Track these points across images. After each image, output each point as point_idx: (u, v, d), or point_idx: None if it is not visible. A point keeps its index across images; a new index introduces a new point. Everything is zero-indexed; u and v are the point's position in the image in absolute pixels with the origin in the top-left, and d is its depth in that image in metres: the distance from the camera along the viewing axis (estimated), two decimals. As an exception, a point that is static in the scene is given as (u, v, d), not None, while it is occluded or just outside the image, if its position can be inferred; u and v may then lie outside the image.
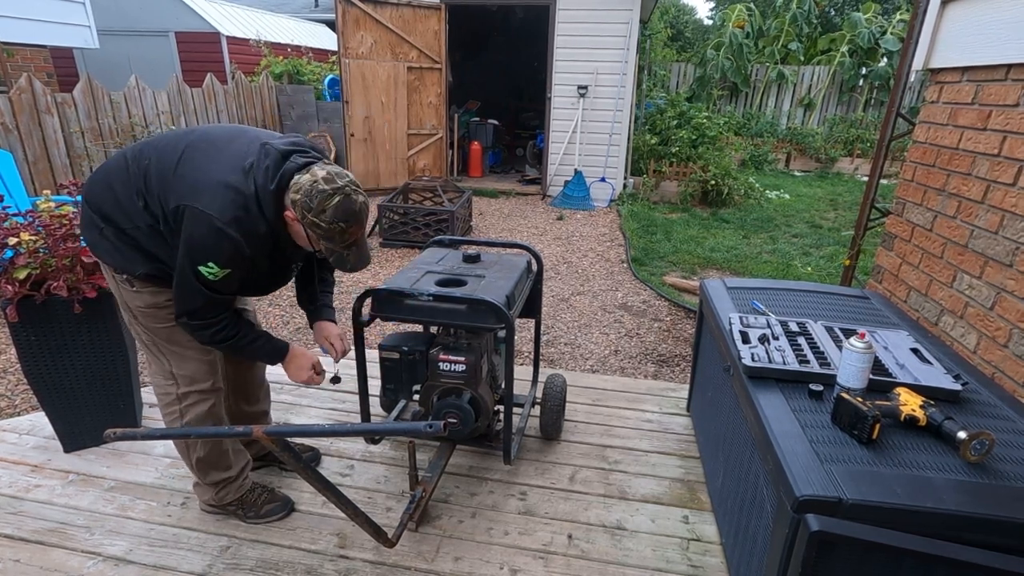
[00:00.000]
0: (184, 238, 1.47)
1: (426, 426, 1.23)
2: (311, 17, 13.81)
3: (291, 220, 1.53)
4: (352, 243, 1.56)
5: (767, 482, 1.41)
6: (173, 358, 1.73)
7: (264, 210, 1.49)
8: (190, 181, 1.48)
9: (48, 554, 1.79)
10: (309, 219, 1.47)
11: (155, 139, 1.62)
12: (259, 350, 1.73)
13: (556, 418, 2.35)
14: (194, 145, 1.55)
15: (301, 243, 1.59)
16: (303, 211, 1.47)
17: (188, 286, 1.51)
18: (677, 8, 19.83)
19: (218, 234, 1.45)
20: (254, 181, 1.48)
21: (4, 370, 3.10)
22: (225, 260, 1.48)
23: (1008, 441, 1.38)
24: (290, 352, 1.77)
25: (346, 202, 1.47)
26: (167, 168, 1.52)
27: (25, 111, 4.81)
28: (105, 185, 1.58)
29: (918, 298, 2.36)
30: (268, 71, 8.47)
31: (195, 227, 1.45)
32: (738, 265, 5.25)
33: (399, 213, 5.59)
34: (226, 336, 1.63)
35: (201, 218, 1.44)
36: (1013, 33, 1.91)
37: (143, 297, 1.64)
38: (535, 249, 2.35)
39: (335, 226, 1.48)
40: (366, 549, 1.84)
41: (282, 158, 1.52)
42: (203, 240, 1.46)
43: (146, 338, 1.72)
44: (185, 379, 1.74)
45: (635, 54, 7.32)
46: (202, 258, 1.47)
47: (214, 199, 1.45)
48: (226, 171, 1.48)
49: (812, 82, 11.83)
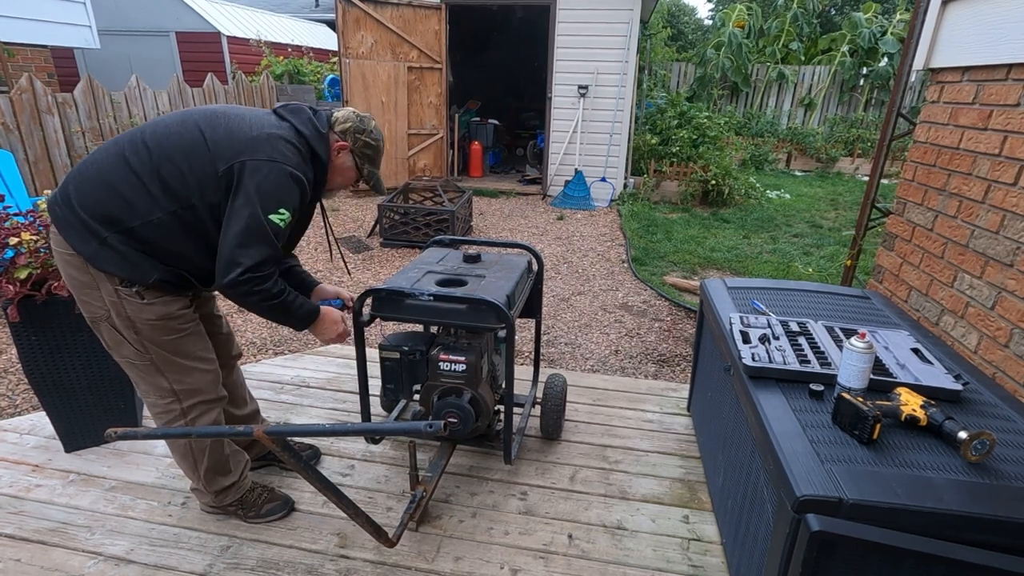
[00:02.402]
0: (252, 190, 1.49)
1: (426, 426, 1.23)
2: (311, 17, 13.82)
3: (341, 151, 1.73)
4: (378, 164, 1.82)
5: (767, 482, 1.41)
6: (175, 373, 1.67)
7: (318, 152, 1.66)
8: (234, 141, 1.52)
9: (49, 554, 1.79)
10: (362, 140, 1.73)
11: (146, 127, 1.56)
12: (301, 308, 1.70)
13: (556, 418, 2.35)
14: (213, 117, 1.58)
15: (340, 180, 1.79)
16: (356, 135, 1.72)
17: (259, 236, 1.51)
18: (677, 8, 19.82)
19: (288, 178, 1.54)
20: (299, 132, 1.63)
21: (5, 370, 3.10)
22: (295, 203, 1.57)
23: (1009, 441, 1.38)
24: (322, 310, 1.79)
25: (375, 124, 1.78)
26: (197, 141, 1.52)
27: (26, 111, 4.82)
28: (103, 186, 1.49)
29: (919, 298, 2.36)
30: (269, 71, 8.47)
31: (263, 177, 1.51)
32: (738, 265, 5.24)
33: (399, 213, 5.60)
34: (279, 291, 1.61)
35: (269, 167, 1.51)
36: (1013, 33, 1.90)
37: (154, 309, 1.57)
38: (535, 249, 2.35)
39: (380, 143, 1.78)
40: (366, 549, 1.84)
41: (310, 110, 1.70)
42: (275, 186, 1.52)
43: (142, 359, 1.63)
44: (187, 392, 1.70)
45: (635, 54, 7.32)
46: (274, 205, 1.52)
47: (275, 149, 1.54)
48: (267, 126, 1.58)
49: (812, 82, 11.82)
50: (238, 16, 10.91)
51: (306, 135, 1.64)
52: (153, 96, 6.18)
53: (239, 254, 1.50)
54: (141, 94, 6.02)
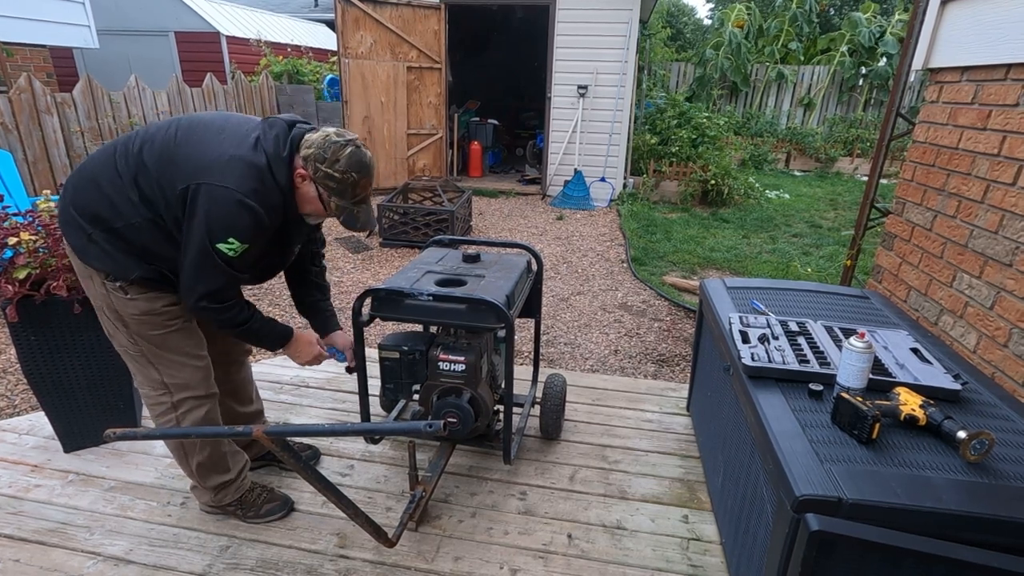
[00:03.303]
0: (201, 217, 1.44)
1: (426, 426, 1.23)
2: (311, 17, 13.81)
3: (303, 179, 1.53)
4: (362, 199, 1.58)
5: (767, 482, 1.41)
6: (165, 366, 1.68)
7: (277, 177, 1.50)
8: (197, 160, 1.46)
9: (48, 554, 1.79)
10: (323, 171, 1.49)
11: (140, 131, 1.57)
12: (271, 333, 1.72)
13: (556, 418, 2.35)
14: (190, 127, 1.53)
15: (309, 209, 1.60)
16: (316, 164, 1.49)
17: (208, 266, 1.48)
18: (676, 8, 19.83)
19: (238, 206, 1.43)
20: (264, 151, 1.49)
21: (4, 370, 3.10)
22: (245, 234, 1.47)
23: (1008, 441, 1.38)
24: (296, 333, 1.80)
25: (358, 153, 1.51)
26: (166, 153, 1.49)
27: (25, 111, 4.81)
28: (92, 186, 1.52)
29: (918, 298, 2.36)
30: (268, 71, 8.47)
31: (212, 203, 1.43)
32: (738, 265, 5.25)
33: (399, 213, 5.60)
34: (244, 318, 1.62)
35: (218, 192, 1.43)
36: (1012, 33, 1.91)
37: (137, 304, 1.59)
38: (535, 249, 2.35)
39: (348, 176, 1.50)
40: (366, 549, 1.84)
41: (288, 126, 1.55)
42: (222, 215, 1.44)
43: (134, 349, 1.66)
44: (178, 387, 1.70)
45: (635, 54, 7.32)
46: (223, 234, 1.45)
47: (229, 173, 1.44)
48: (232, 147, 1.48)
49: (812, 82, 11.83)
50: (237, 16, 10.90)
51: (268, 155, 1.50)
52: (152, 96, 6.18)
53: (194, 281, 1.51)
54: (140, 94, 6.02)
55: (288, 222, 1.61)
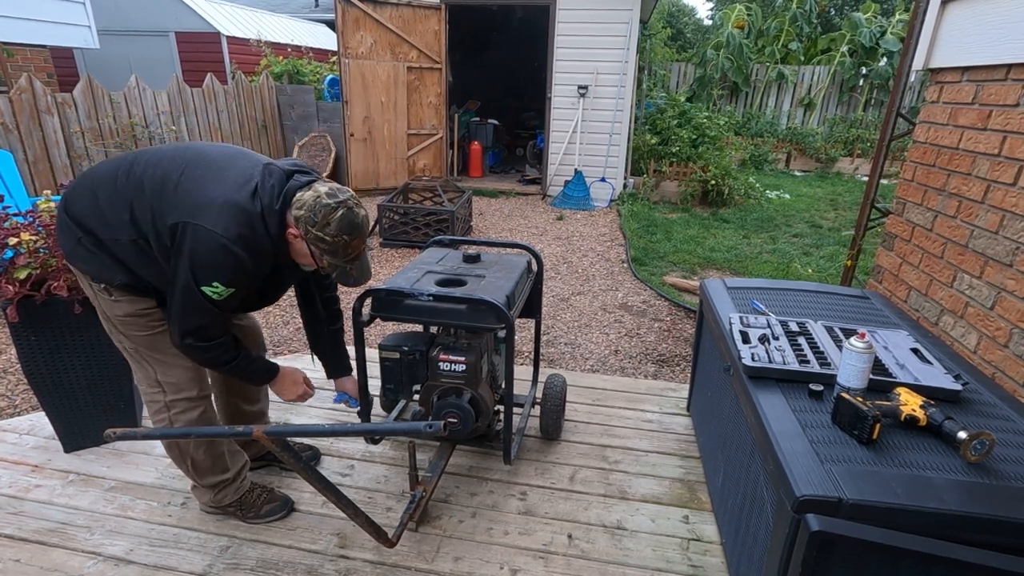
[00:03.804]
0: (187, 257, 1.44)
1: (426, 426, 1.23)
2: (311, 17, 13.81)
3: (294, 238, 1.54)
4: (355, 257, 1.59)
5: (767, 482, 1.41)
6: (157, 366, 1.70)
7: (269, 227, 1.51)
8: (194, 199, 1.47)
9: (48, 554, 1.79)
10: (313, 234, 1.50)
11: (148, 152, 1.59)
12: (257, 371, 1.75)
13: (556, 418, 2.35)
14: (195, 163, 1.53)
15: (303, 261, 1.62)
16: (307, 226, 1.50)
17: (193, 306, 1.49)
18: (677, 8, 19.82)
19: (224, 252, 1.44)
20: (259, 201, 1.49)
21: (4, 370, 3.10)
22: (230, 279, 1.48)
23: (1008, 441, 1.38)
24: (281, 371, 1.81)
25: (349, 215, 1.51)
26: (167, 184, 1.49)
27: (25, 111, 4.81)
28: (89, 196, 1.54)
29: (918, 298, 2.36)
30: (268, 71, 8.46)
31: (199, 245, 1.43)
32: (738, 265, 5.25)
33: (399, 213, 5.60)
34: (228, 358, 1.64)
35: (205, 236, 1.43)
36: (1013, 33, 1.91)
37: (122, 306, 1.61)
38: (535, 249, 2.35)
39: (339, 239, 1.51)
40: (366, 549, 1.84)
41: (285, 177, 1.54)
42: (208, 259, 1.44)
43: (128, 346, 1.69)
44: (171, 387, 1.71)
45: (635, 54, 7.32)
46: (207, 278, 1.46)
47: (219, 217, 1.44)
48: (231, 190, 1.48)
49: (812, 82, 11.82)
50: (238, 16, 10.90)
51: (262, 205, 1.49)
52: (153, 96, 6.18)
53: (179, 319, 1.52)
54: (141, 94, 6.02)
55: (282, 266, 1.62)
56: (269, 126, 8.12)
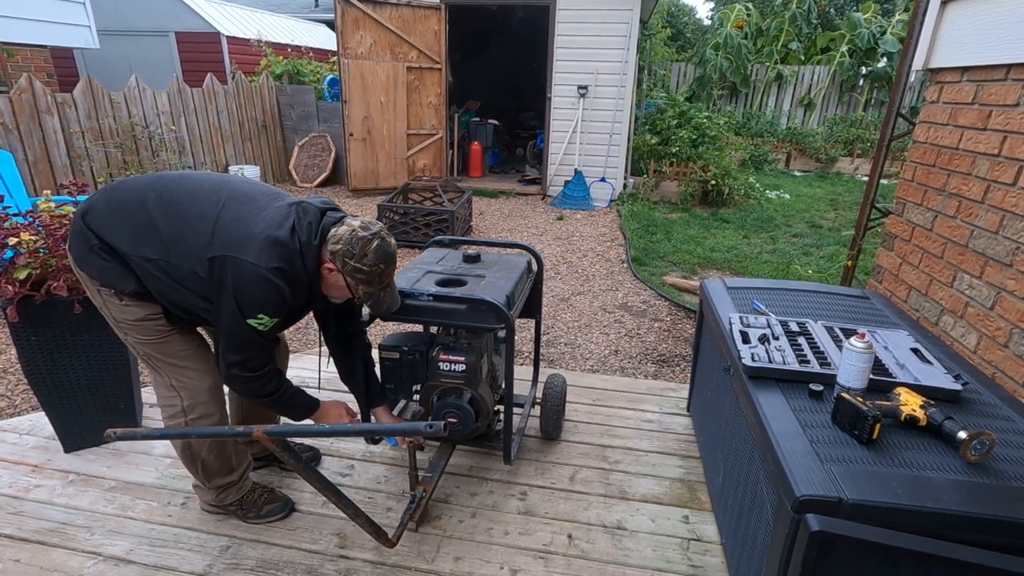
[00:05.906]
0: (232, 291, 1.49)
1: (426, 426, 1.23)
2: (311, 17, 13.81)
3: (329, 272, 1.59)
4: (387, 284, 1.66)
5: (767, 482, 1.41)
6: (170, 370, 1.71)
7: (307, 262, 1.56)
8: (235, 232, 1.51)
9: (48, 554, 1.79)
10: (352, 265, 1.56)
11: (183, 179, 1.63)
12: (299, 404, 1.77)
13: (556, 418, 2.35)
14: (236, 198, 1.58)
15: (334, 294, 1.68)
16: (344, 259, 1.55)
17: (238, 338, 1.54)
18: (677, 8, 19.82)
19: (267, 284, 1.49)
20: (298, 237, 1.55)
21: (4, 370, 3.10)
22: (274, 310, 1.54)
23: (1008, 441, 1.38)
24: (322, 406, 1.83)
25: (384, 245, 1.59)
26: (207, 216, 1.53)
27: (25, 111, 4.81)
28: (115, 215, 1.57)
29: (918, 298, 2.36)
30: (268, 71, 8.46)
31: (240, 278, 1.49)
32: (738, 265, 5.25)
33: (399, 213, 5.60)
34: (271, 389, 1.66)
35: (247, 268, 1.48)
36: (1013, 33, 1.91)
37: (132, 311, 1.63)
38: (535, 249, 2.35)
39: (376, 268, 1.58)
40: (366, 549, 1.84)
41: (320, 215, 1.60)
42: (253, 291, 1.50)
43: (141, 350, 1.71)
44: (188, 392, 1.73)
45: (635, 54, 7.32)
46: (254, 310, 1.51)
47: (262, 252, 1.49)
48: (272, 227, 1.53)
49: (812, 82, 11.82)
50: (238, 16, 10.90)
51: (300, 241, 1.56)
52: (153, 96, 6.18)
53: (226, 352, 1.58)
54: (141, 94, 6.02)
55: (310, 299, 1.67)
56: (269, 126, 8.12)
